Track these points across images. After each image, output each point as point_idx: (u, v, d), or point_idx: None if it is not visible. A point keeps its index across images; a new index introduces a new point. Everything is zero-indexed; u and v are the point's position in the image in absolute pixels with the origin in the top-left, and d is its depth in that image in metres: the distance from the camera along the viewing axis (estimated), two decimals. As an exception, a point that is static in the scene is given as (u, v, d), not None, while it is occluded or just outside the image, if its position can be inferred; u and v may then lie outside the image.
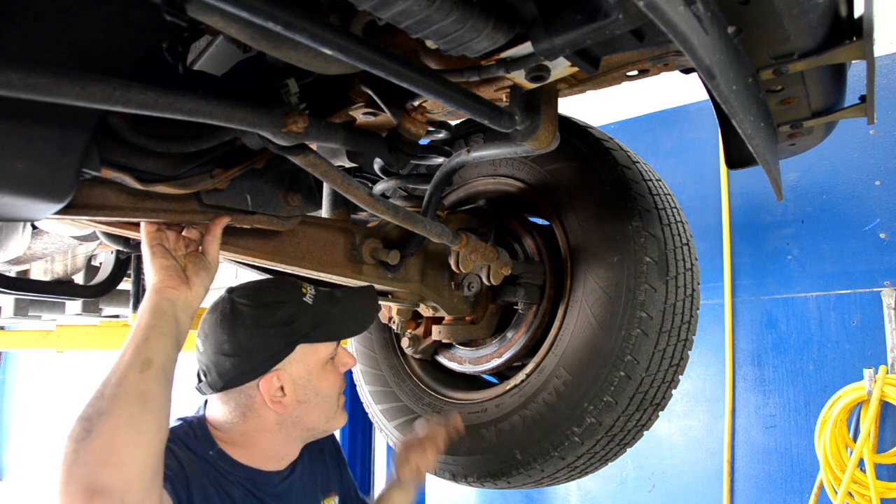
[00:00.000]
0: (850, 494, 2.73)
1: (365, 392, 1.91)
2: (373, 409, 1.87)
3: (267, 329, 1.23)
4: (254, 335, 1.22)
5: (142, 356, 0.96)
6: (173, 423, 1.26)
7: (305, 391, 1.27)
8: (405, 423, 1.75)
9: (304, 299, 1.28)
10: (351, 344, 1.99)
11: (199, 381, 1.27)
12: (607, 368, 1.37)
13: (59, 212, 0.87)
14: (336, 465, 1.52)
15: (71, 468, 0.88)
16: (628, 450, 1.57)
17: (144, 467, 0.92)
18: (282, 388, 1.24)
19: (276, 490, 1.29)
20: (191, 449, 1.21)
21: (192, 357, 1.30)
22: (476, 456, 1.53)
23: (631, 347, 1.36)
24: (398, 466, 1.52)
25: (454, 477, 1.60)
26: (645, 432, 1.54)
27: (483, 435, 1.55)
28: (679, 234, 1.47)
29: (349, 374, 1.44)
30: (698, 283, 1.51)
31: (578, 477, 1.57)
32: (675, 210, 1.51)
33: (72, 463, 0.88)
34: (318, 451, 1.46)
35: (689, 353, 1.51)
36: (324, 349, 1.29)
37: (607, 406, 1.38)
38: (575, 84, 1.24)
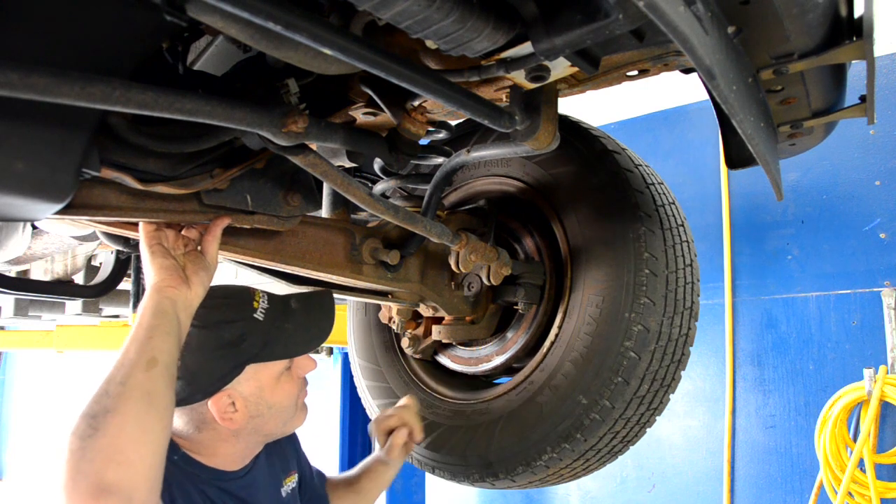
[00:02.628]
0: (850, 494, 2.73)
1: (364, 391, 1.91)
2: (373, 409, 1.87)
3: (213, 352, 1.20)
4: (200, 359, 1.19)
5: (147, 355, 0.96)
6: None
7: (258, 406, 1.25)
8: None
9: (255, 315, 1.24)
10: (351, 345, 1.99)
11: None
12: (607, 368, 1.37)
13: (59, 212, 0.87)
14: (290, 443, 1.52)
15: (78, 465, 0.87)
16: (621, 455, 1.56)
17: (151, 466, 0.92)
18: (233, 405, 1.22)
19: (243, 483, 1.30)
20: None
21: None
22: (478, 455, 1.52)
23: (631, 348, 1.36)
24: (387, 449, 1.55)
25: (455, 476, 1.59)
26: (640, 438, 1.53)
27: (453, 437, 1.55)
28: (679, 236, 1.47)
29: (349, 375, 1.43)
30: (698, 280, 1.51)
31: (572, 479, 1.55)
32: (672, 205, 1.51)
33: (79, 460, 0.88)
34: (276, 442, 1.46)
35: (688, 360, 1.50)
36: (277, 364, 1.26)
37: (605, 408, 1.38)
38: (575, 84, 1.24)
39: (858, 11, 0.89)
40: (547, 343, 1.51)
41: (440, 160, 1.43)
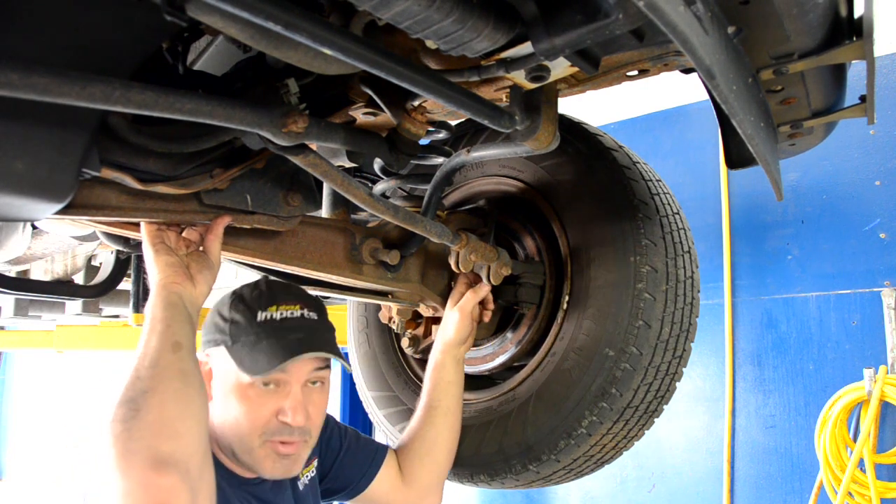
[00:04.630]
0: (850, 494, 2.73)
1: (365, 392, 1.91)
2: (373, 409, 1.87)
3: (216, 315, 1.27)
4: (212, 313, 1.29)
5: (170, 340, 0.97)
6: None
7: (217, 389, 1.22)
8: (404, 421, 1.74)
9: (262, 315, 1.22)
10: (351, 344, 1.98)
11: None
12: (606, 369, 1.37)
13: (59, 212, 0.87)
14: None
15: (127, 445, 0.87)
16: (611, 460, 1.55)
17: (200, 437, 0.93)
18: (210, 372, 1.24)
19: (265, 487, 1.29)
20: None
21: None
22: (517, 442, 1.49)
23: (630, 352, 1.36)
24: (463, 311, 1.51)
25: (496, 475, 1.54)
26: (671, 394, 1.52)
27: (486, 434, 1.54)
28: (680, 241, 1.48)
29: (349, 376, 1.40)
30: (698, 291, 1.51)
31: (614, 452, 1.53)
32: (671, 203, 1.52)
33: (126, 441, 0.87)
34: None
35: (685, 368, 1.50)
36: (241, 370, 1.19)
37: (602, 412, 1.38)
38: (575, 84, 1.24)
39: (858, 11, 0.89)
40: (542, 352, 1.51)
41: (440, 160, 1.43)
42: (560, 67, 0.99)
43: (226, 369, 1.22)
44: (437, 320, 1.73)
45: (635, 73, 1.19)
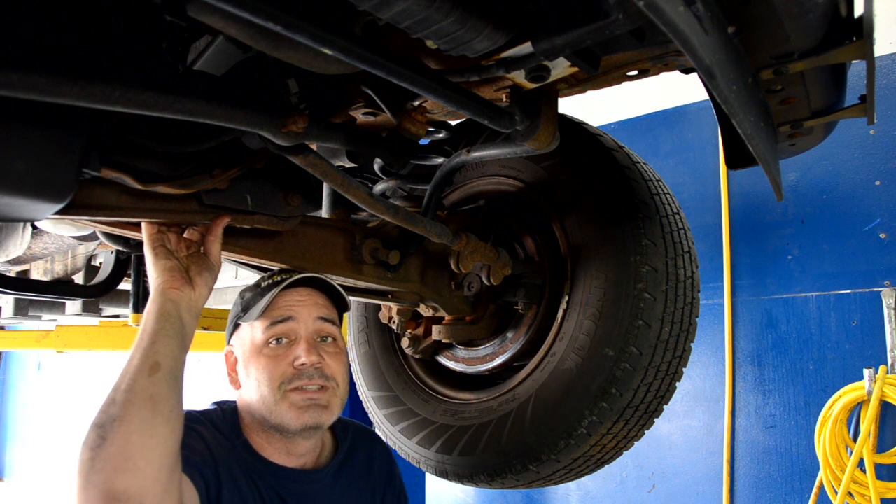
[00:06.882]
0: (850, 494, 2.73)
1: (365, 392, 1.91)
2: (373, 409, 1.87)
3: (232, 308, 1.37)
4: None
5: (150, 360, 0.98)
6: (208, 406, 1.32)
7: (241, 369, 1.30)
8: (404, 421, 1.74)
9: (266, 282, 1.32)
10: (350, 344, 1.99)
11: None
12: (606, 369, 1.37)
13: (59, 212, 0.87)
14: (384, 483, 1.47)
15: (88, 476, 0.90)
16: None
17: (160, 470, 0.94)
18: (236, 361, 1.32)
19: (298, 490, 1.27)
20: (221, 432, 1.24)
21: (196, 357, 1.30)
22: (516, 443, 1.48)
23: (630, 352, 1.36)
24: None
25: (497, 475, 1.54)
26: (671, 395, 1.51)
27: (486, 433, 1.54)
28: (680, 241, 1.47)
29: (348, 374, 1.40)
30: (698, 291, 1.51)
31: (614, 452, 1.53)
32: (671, 203, 1.52)
33: (89, 471, 0.91)
34: (366, 467, 1.42)
35: (685, 369, 1.49)
36: (257, 330, 1.27)
37: (602, 412, 1.38)
38: (575, 84, 1.24)
39: (858, 11, 0.89)
40: (541, 352, 1.51)
41: (440, 160, 1.43)
42: (560, 67, 0.99)
43: (243, 342, 1.30)
44: (437, 320, 1.73)
45: (635, 73, 1.18)
